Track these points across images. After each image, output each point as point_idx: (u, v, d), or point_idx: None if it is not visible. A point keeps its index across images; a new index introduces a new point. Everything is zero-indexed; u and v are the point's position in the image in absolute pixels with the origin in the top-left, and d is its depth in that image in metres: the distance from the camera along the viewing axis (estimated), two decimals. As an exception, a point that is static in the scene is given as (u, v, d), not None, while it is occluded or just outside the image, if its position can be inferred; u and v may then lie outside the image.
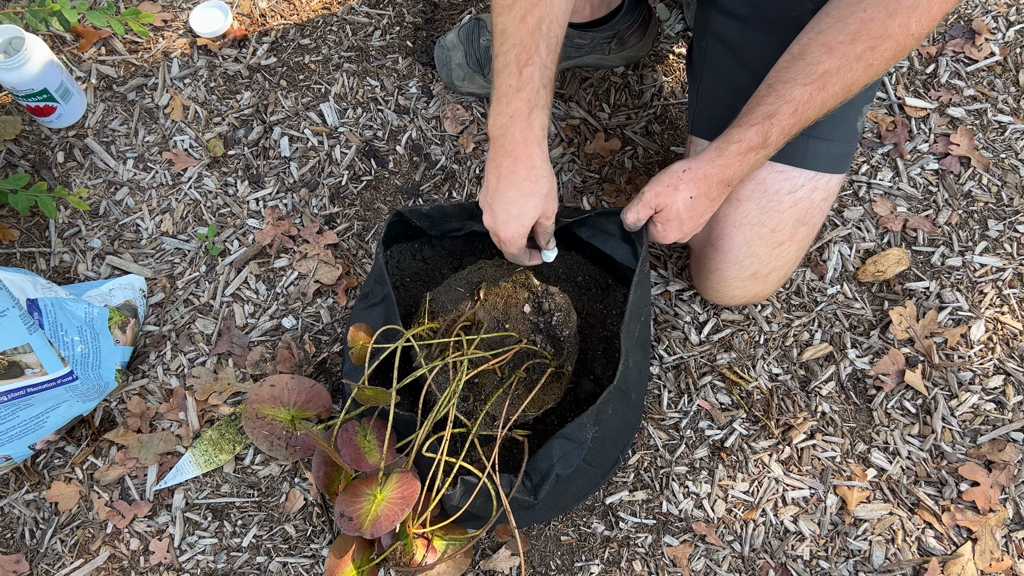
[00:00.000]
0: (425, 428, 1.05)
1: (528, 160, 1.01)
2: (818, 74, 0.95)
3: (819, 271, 1.36)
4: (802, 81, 0.96)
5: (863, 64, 0.93)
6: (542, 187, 1.03)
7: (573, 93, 1.48)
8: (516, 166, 1.01)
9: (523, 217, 1.05)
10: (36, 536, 1.22)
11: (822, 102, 0.97)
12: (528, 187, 1.02)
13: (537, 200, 1.04)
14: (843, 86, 0.95)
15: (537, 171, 1.02)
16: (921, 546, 1.22)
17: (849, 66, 0.94)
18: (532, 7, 0.96)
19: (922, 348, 1.31)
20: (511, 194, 1.03)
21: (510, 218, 1.05)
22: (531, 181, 1.02)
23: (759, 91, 1.01)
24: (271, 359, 1.30)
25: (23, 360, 1.09)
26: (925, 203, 1.40)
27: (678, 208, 1.06)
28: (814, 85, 0.95)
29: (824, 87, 0.95)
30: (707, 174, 1.04)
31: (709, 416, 1.28)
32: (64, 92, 1.38)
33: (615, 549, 1.21)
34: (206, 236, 1.37)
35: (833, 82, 0.95)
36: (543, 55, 0.98)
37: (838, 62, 0.94)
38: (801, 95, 0.96)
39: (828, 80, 0.95)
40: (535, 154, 1.01)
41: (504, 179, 1.03)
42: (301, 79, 1.48)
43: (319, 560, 1.21)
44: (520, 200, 1.03)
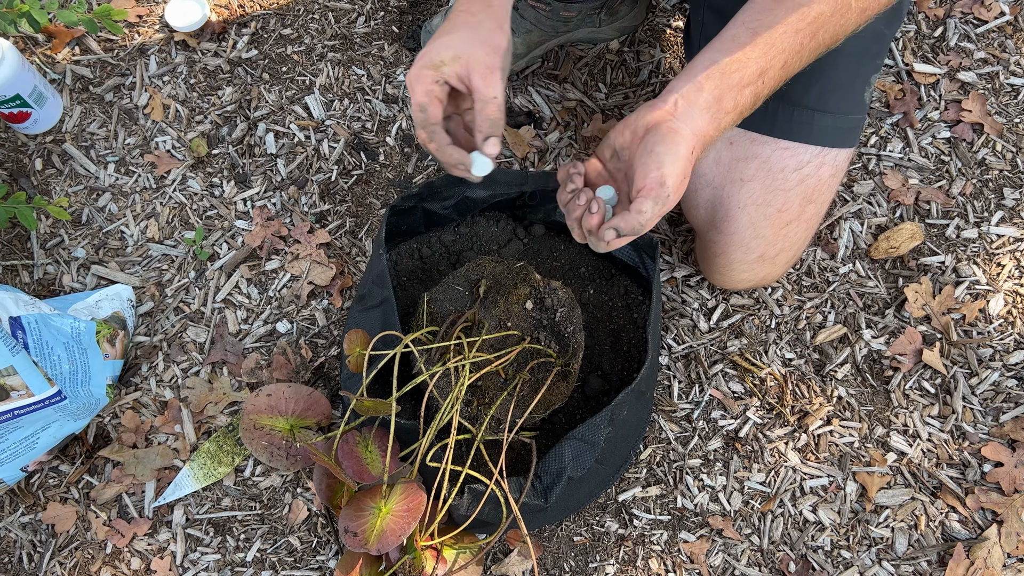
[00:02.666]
0: (428, 437, 1.01)
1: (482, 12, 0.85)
2: (811, 18, 0.82)
3: (830, 249, 1.31)
4: (795, 26, 0.82)
5: (859, 5, 0.82)
6: (480, 22, 0.84)
7: (568, 74, 1.42)
8: (471, 5, 0.85)
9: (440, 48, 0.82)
10: (34, 560, 1.18)
11: (811, 52, 0.85)
12: (462, 19, 0.85)
13: (466, 32, 0.83)
14: (832, 34, 0.84)
15: (489, 10, 0.85)
16: (945, 531, 1.18)
17: (847, 6, 0.82)
18: None
19: (939, 325, 1.27)
20: (443, 28, 0.85)
21: (426, 51, 0.83)
22: (471, 15, 0.85)
23: (738, 35, 0.84)
24: (267, 366, 1.26)
25: (7, 383, 1.04)
26: (938, 173, 1.35)
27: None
28: (806, 32, 0.82)
29: (815, 35, 0.83)
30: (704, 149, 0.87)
31: (722, 406, 1.24)
32: (38, 97, 1.32)
33: (630, 547, 1.18)
34: (193, 240, 1.32)
35: (825, 29, 0.83)
36: None
37: (832, 5, 0.82)
38: (792, 45, 0.83)
39: (820, 27, 0.83)
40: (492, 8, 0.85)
41: (451, 18, 0.86)
42: (284, 71, 1.43)
43: (326, 572, 1.17)
44: (445, 29, 0.84)
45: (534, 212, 1.24)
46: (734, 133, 1.15)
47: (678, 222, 1.34)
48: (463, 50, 0.83)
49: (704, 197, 1.17)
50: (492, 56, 0.84)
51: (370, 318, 1.12)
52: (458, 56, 0.83)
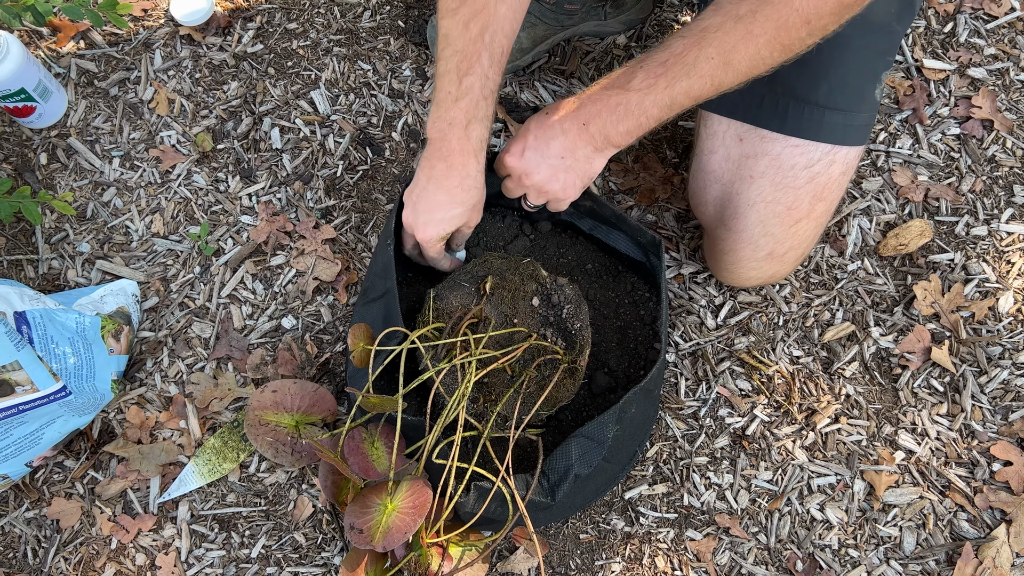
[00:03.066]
0: (434, 433, 1.00)
1: (463, 168, 0.99)
2: (699, 29, 0.88)
3: (838, 247, 1.30)
4: (683, 34, 0.90)
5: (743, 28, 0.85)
6: (471, 197, 1.02)
7: (575, 69, 1.41)
8: (450, 172, 0.99)
9: (445, 223, 1.04)
10: (39, 555, 1.18)
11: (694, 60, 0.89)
12: (459, 195, 1.01)
13: (463, 210, 1.03)
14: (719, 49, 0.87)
15: (470, 181, 1.00)
16: (953, 530, 1.18)
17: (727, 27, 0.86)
18: (475, 14, 0.92)
19: (948, 323, 1.26)
20: (440, 197, 1.01)
21: (431, 220, 1.03)
22: (463, 190, 1.00)
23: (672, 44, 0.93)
24: (272, 362, 1.25)
25: (12, 378, 1.04)
26: (947, 170, 1.34)
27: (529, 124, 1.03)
28: (691, 39, 0.88)
29: (699, 44, 0.88)
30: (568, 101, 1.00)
31: (729, 403, 1.24)
32: (43, 91, 1.32)
33: (636, 545, 1.17)
34: (199, 235, 1.32)
35: (709, 41, 0.87)
36: (485, 65, 0.94)
37: (719, 19, 0.87)
38: (676, 47, 0.90)
39: (704, 38, 0.87)
40: (470, 164, 0.99)
41: (435, 181, 1.00)
42: (290, 66, 1.42)
43: (331, 569, 1.17)
44: (447, 205, 1.02)
45: (540, 208, 1.24)
46: (744, 130, 1.14)
47: (686, 218, 1.33)
48: (461, 222, 1.05)
49: (713, 194, 1.16)
50: (477, 217, 1.07)
51: (372, 311, 1.11)
52: (458, 227, 1.06)
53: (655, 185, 1.33)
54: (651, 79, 0.91)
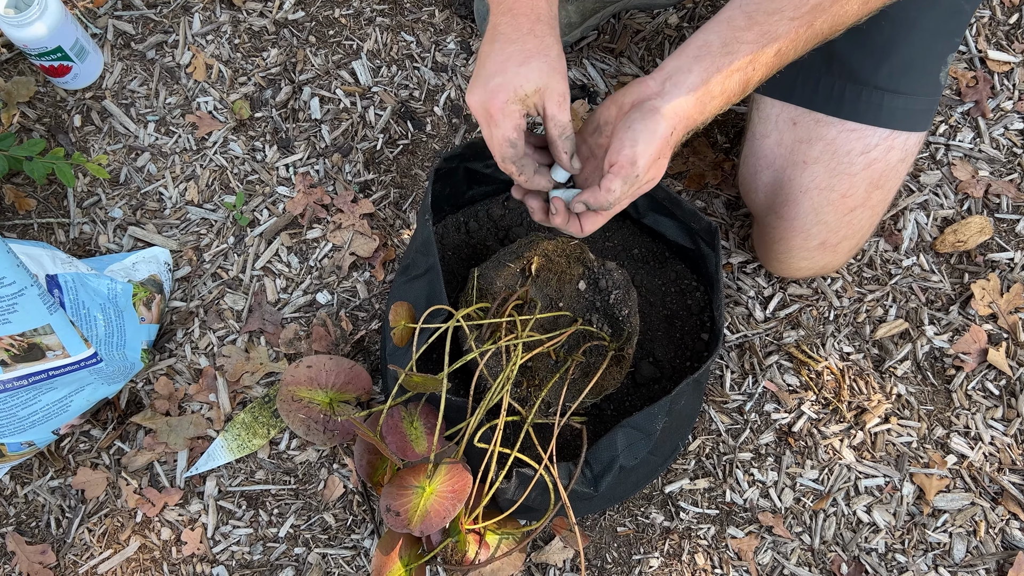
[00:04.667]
0: (477, 416, 0.97)
1: (532, 12, 0.80)
2: (809, 7, 0.78)
3: (893, 241, 1.26)
4: (790, 14, 0.79)
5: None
6: (549, 47, 0.79)
7: (624, 47, 1.36)
8: (517, 20, 0.80)
9: (522, 78, 0.78)
10: (63, 525, 1.15)
11: (806, 42, 0.81)
12: (531, 42, 0.79)
13: (542, 62, 0.78)
14: (831, 24, 0.80)
15: (543, 26, 0.80)
16: (1005, 538, 1.13)
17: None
18: None
19: (1006, 324, 1.21)
20: (509, 50, 0.79)
21: (506, 80, 0.78)
22: (535, 36, 0.79)
23: (733, 16, 0.81)
24: (306, 337, 1.22)
25: (44, 342, 1.01)
26: (1009, 166, 1.29)
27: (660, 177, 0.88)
28: (802, 20, 0.79)
29: (812, 24, 0.79)
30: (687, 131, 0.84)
31: (775, 398, 1.19)
32: (80, 51, 1.29)
33: (675, 541, 1.14)
34: (234, 205, 1.28)
35: (823, 19, 0.79)
36: None
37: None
38: (787, 32, 0.79)
39: (819, 15, 0.79)
40: (540, 6, 0.81)
41: (501, 36, 0.80)
42: (331, 35, 1.38)
43: (360, 552, 1.14)
44: (519, 56, 0.78)
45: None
46: (798, 113, 1.10)
47: (736, 206, 1.28)
48: (543, 81, 0.79)
49: (764, 180, 1.12)
50: (564, 83, 0.81)
51: (415, 288, 1.07)
52: (539, 88, 0.80)
53: (704, 170, 1.29)
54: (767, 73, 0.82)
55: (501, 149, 0.82)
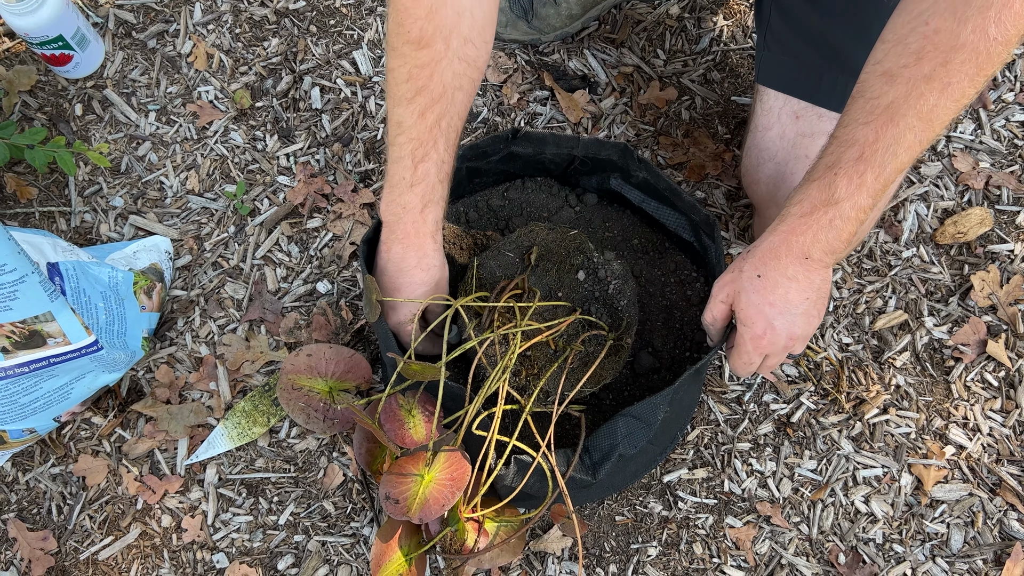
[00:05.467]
0: (476, 404, 0.97)
1: (419, 249, 0.97)
2: (881, 108, 0.78)
3: (893, 232, 1.26)
4: (863, 120, 0.80)
5: (937, 85, 0.75)
6: (432, 277, 0.99)
7: (625, 38, 1.36)
8: (406, 253, 0.97)
9: (412, 307, 1.00)
10: (64, 512, 1.16)
11: (894, 138, 0.78)
12: (419, 276, 0.98)
13: (427, 289, 1.00)
14: (917, 116, 0.77)
15: (428, 260, 0.98)
16: (1003, 529, 1.14)
17: (918, 90, 0.75)
18: (432, 104, 0.89)
19: (1006, 316, 1.21)
20: (401, 280, 0.98)
21: (399, 307, 1.00)
22: (421, 270, 0.98)
23: (822, 147, 0.85)
24: (306, 326, 1.22)
25: (45, 329, 1.01)
26: (1010, 158, 1.29)
27: (750, 295, 0.89)
28: (878, 121, 0.78)
29: (892, 121, 0.78)
30: (771, 246, 0.87)
31: (774, 389, 1.20)
32: (81, 39, 1.29)
33: (673, 530, 1.14)
34: (234, 194, 1.29)
35: (902, 113, 0.77)
36: (440, 151, 0.92)
37: (903, 88, 0.76)
38: (865, 136, 0.79)
39: (895, 112, 0.77)
40: (427, 245, 0.97)
41: (393, 263, 0.98)
42: (332, 24, 1.38)
43: (360, 539, 1.14)
44: (409, 289, 0.99)
45: (587, 179, 1.20)
46: (801, 107, 1.10)
47: (736, 197, 1.28)
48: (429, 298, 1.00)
49: (766, 172, 1.12)
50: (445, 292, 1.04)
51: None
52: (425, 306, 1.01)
53: (705, 161, 1.29)
54: (856, 179, 0.81)
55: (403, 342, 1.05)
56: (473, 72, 0.92)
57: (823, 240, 0.84)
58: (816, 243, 0.84)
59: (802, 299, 0.88)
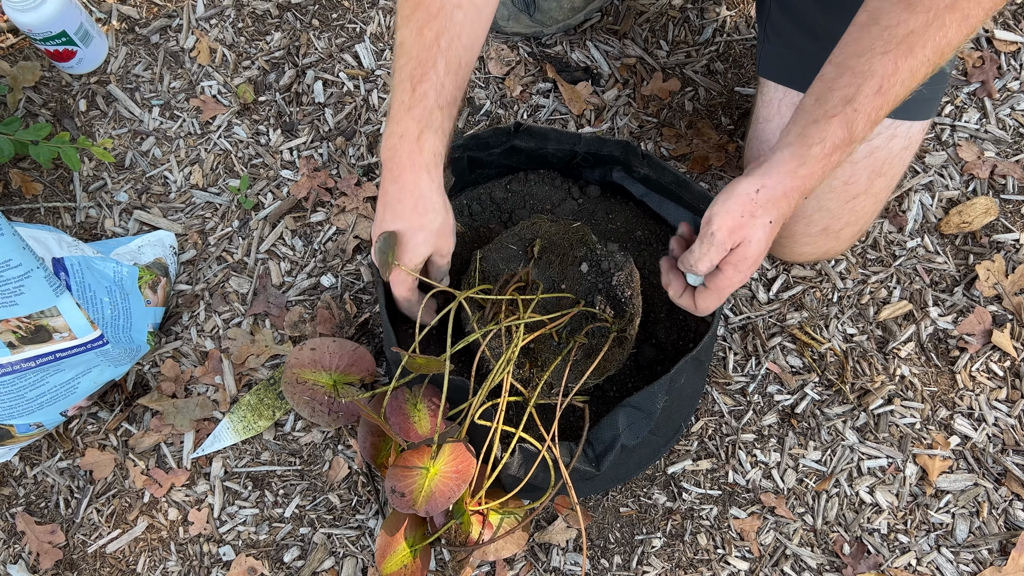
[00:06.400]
0: (480, 396, 0.97)
1: (415, 188, 0.89)
2: (900, 37, 0.76)
3: (898, 222, 1.25)
4: (881, 49, 0.77)
5: (958, 16, 0.74)
6: (431, 221, 0.92)
7: (628, 29, 1.36)
8: (402, 194, 0.90)
9: (409, 255, 0.92)
10: (71, 505, 1.17)
11: (910, 72, 0.77)
12: (415, 220, 0.90)
13: (426, 235, 0.92)
14: (934, 48, 0.76)
15: (425, 202, 0.90)
16: (1008, 519, 1.13)
17: (940, 20, 0.74)
18: (430, 20, 0.86)
19: (1011, 306, 1.21)
20: (397, 226, 0.91)
21: (408, 253, 0.93)
22: (418, 213, 0.90)
23: (824, 73, 0.82)
24: (310, 320, 1.22)
25: (50, 324, 1.02)
26: (1015, 147, 1.28)
27: (758, 240, 0.84)
28: (897, 51, 0.76)
29: (911, 52, 0.76)
30: (788, 190, 0.83)
31: (778, 380, 1.20)
32: (84, 35, 1.29)
33: (678, 521, 1.14)
34: (238, 189, 1.29)
35: (921, 44, 0.76)
36: (440, 72, 0.87)
37: (924, 18, 0.75)
38: (884, 67, 0.77)
39: (914, 43, 0.76)
40: (422, 182, 0.89)
41: (390, 208, 0.91)
42: (334, 18, 1.38)
43: (365, 532, 1.15)
44: (406, 238, 0.92)
45: (590, 172, 1.20)
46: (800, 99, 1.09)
47: (739, 188, 1.28)
48: (429, 250, 0.94)
49: (767, 165, 1.11)
50: (449, 240, 0.97)
51: None
52: (425, 257, 0.94)
53: (708, 152, 1.29)
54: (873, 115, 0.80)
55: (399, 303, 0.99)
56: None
57: (825, 176, 0.84)
58: (821, 181, 0.83)
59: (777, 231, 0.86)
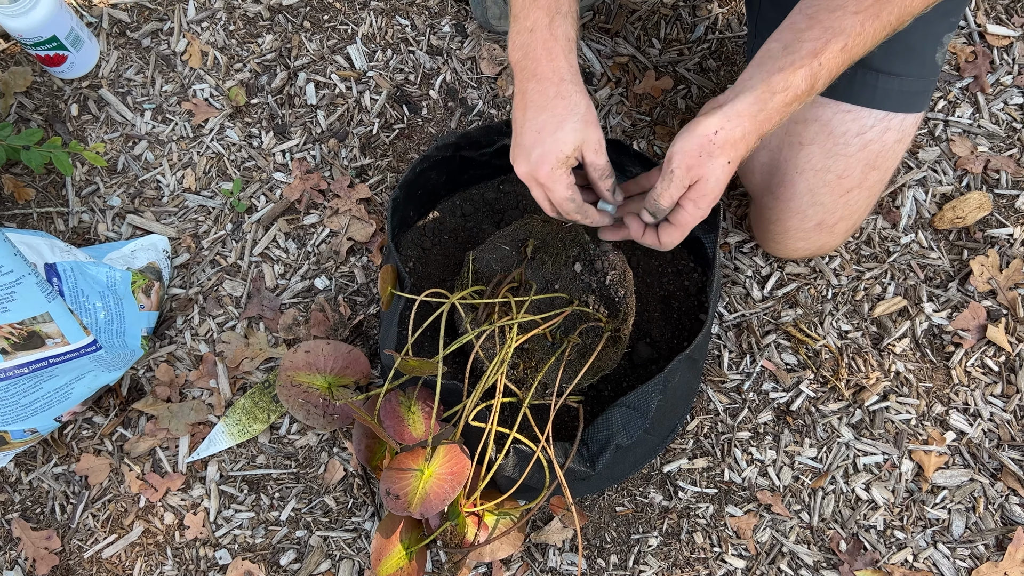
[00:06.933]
0: (474, 398, 0.97)
1: (555, 75, 0.85)
2: (870, 1, 0.78)
3: (892, 218, 1.25)
4: (853, 8, 0.78)
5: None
6: (576, 105, 0.86)
7: (620, 27, 1.36)
8: (542, 86, 0.85)
9: (560, 144, 0.85)
10: (67, 511, 1.17)
11: (872, 34, 0.79)
12: (560, 106, 0.85)
13: (575, 123, 0.85)
14: (899, 14, 0.78)
15: (568, 86, 0.85)
16: (1005, 514, 1.13)
17: None
18: None
19: (1005, 301, 1.21)
20: (541, 118, 0.86)
21: (545, 151, 0.86)
22: (562, 98, 0.85)
23: (794, 21, 0.82)
24: (304, 322, 1.22)
25: (43, 330, 1.02)
26: (1009, 141, 1.28)
27: (716, 178, 0.84)
28: (866, 13, 0.78)
29: (878, 15, 0.78)
30: (746, 132, 0.83)
31: (773, 377, 1.19)
32: (75, 39, 1.29)
33: (674, 520, 1.14)
34: (231, 192, 1.29)
35: (888, 10, 0.78)
36: None
37: None
38: (852, 26, 0.78)
39: (882, 8, 0.78)
40: (562, 68, 0.85)
41: (532, 105, 0.86)
42: (326, 19, 1.38)
43: (361, 534, 1.15)
44: (552, 123, 0.85)
45: (582, 171, 1.19)
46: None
47: (732, 186, 1.28)
48: (578, 139, 0.86)
49: (760, 160, 1.11)
50: (597, 132, 0.88)
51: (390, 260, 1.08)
52: (576, 146, 0.86)
53: (702, 150, 1.28)
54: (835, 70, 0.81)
55: (562, 206, 0.90)
56: None
57: (781, 123, 0.84)
58: (777, 126, 0.84)
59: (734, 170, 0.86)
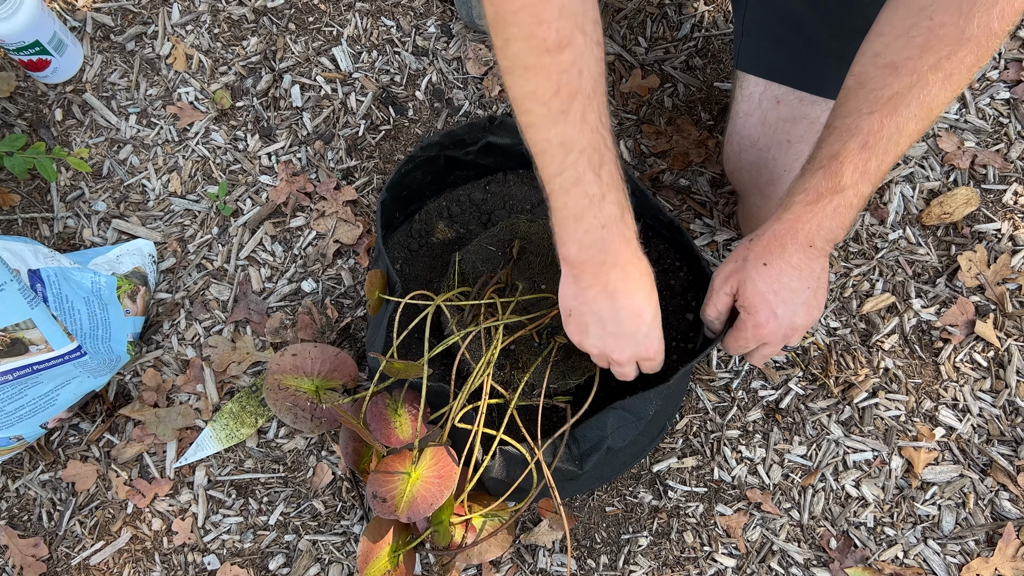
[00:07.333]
0: (460, 400, 0.97)
1: (638, 263, 0.86)
2: (885, 99, 0.79)
3: (879, 215, 1.25)
4: (866, 110, 0.80)
5: (941, 76, 0.76)
6: (654, 287, 0.89)
7: (606, 26, 1.35)
8: (627, 271, 0.85)
9: (648, 328, 0.89)
10: (54, 518, 1.16)
11: (897, 127, 0.79)
12: (646, 287, 0.87)
13: (654, 304, 0.88)
14: (919, 106, 0.78)
15: (645, 265, 0.87)
16: (995, 510, 1.13)
17: (923, 81, 0.77)
18: (588, 102, 0.77)
19: (994, 296, 1.21)
20: (634, 303, 0.87)
21: (634, 337, 0.89)
22: (647, 280, 0.87)
23: (820, 137, 0.86)
24: (291, 326, 1.22)
25: (26, 336, 1.01)
26: (995, 136, 1.28)
27: (755, 283, 0.87)
28: (883, 111, 0.79)
29: (896, 111, 0.79)
30: (777, 234, 0.85)
31: (762, 376, 1.19)
32: (58, 44, 1.28)
33: (664, 519, 1.14)
34: (217, 195, 1.28)
35: (905, 104, 0.78)
36: (611, 146, 0.81)
37: (908, 80, 0.77)
38: (869, 125, 0.80)
39: (899, 103, 0.78)
40: (639, 254, 0.86)
41: (622, 293, 0.86)
42: (311, 21, 1.37)
43: (350, 537, 1.14)
44: (641, 310, 0.87)
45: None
46: (781, 92, 1.09)
47: (720, 183, 1.28)
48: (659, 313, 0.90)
49: (748, 159, 1.11)
50: None
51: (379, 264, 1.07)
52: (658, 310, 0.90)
53: (688, 148, 1.28)
54: (860, 167, 0.81)
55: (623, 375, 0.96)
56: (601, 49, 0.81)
57: (827, 228, 0.84)
58: (820, 231, 0.84)
59: (804, 288, 0.87)
